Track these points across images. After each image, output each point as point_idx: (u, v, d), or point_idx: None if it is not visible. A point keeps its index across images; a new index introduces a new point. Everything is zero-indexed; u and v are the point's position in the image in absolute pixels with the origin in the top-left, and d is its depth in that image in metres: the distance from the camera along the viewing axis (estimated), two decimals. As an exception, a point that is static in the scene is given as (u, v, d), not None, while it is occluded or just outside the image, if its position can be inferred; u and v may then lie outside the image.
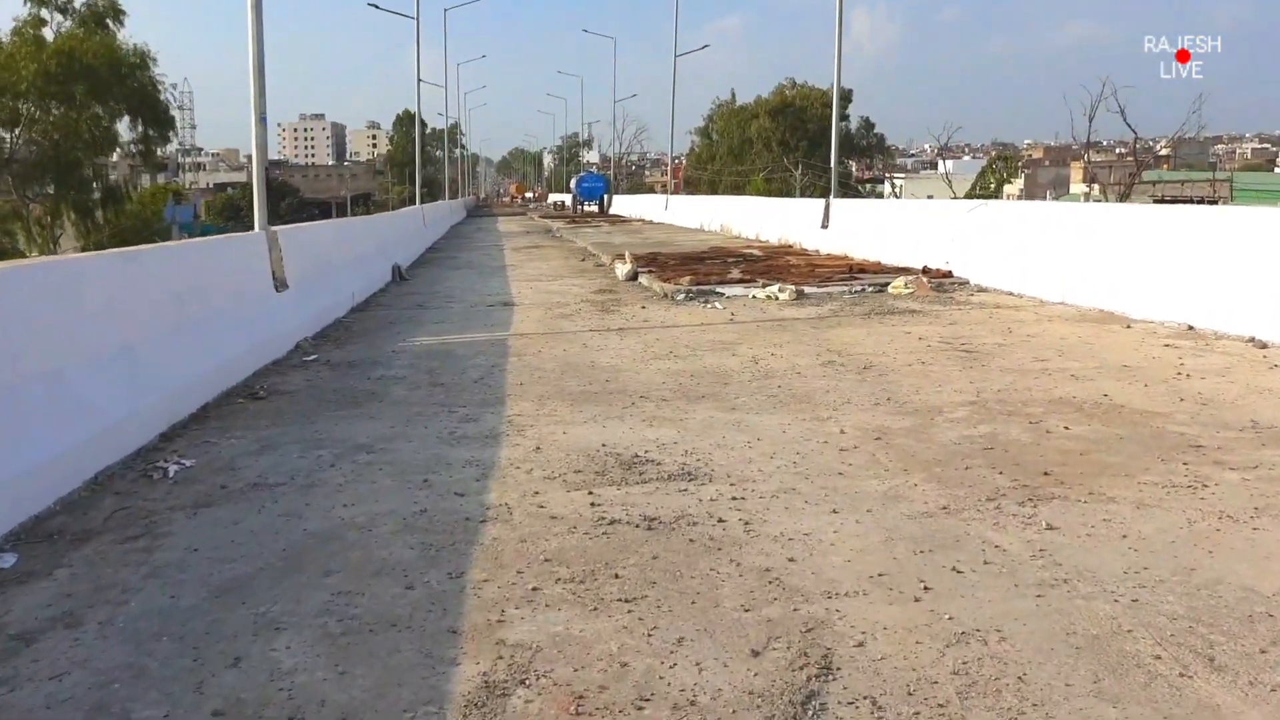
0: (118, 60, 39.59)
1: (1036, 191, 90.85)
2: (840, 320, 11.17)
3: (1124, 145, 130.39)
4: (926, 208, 16.62)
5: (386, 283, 16.57)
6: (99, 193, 41.79)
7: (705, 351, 9.31)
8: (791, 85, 73.08)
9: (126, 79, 39.79)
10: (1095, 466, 5.38)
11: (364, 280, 14.46)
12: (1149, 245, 11.08)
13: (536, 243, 29.86)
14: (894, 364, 8.44)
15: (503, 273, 18.98)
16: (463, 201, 74.91)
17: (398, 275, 17.61)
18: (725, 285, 14.26)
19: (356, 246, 14.90)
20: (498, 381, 7.96)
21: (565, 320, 11.72)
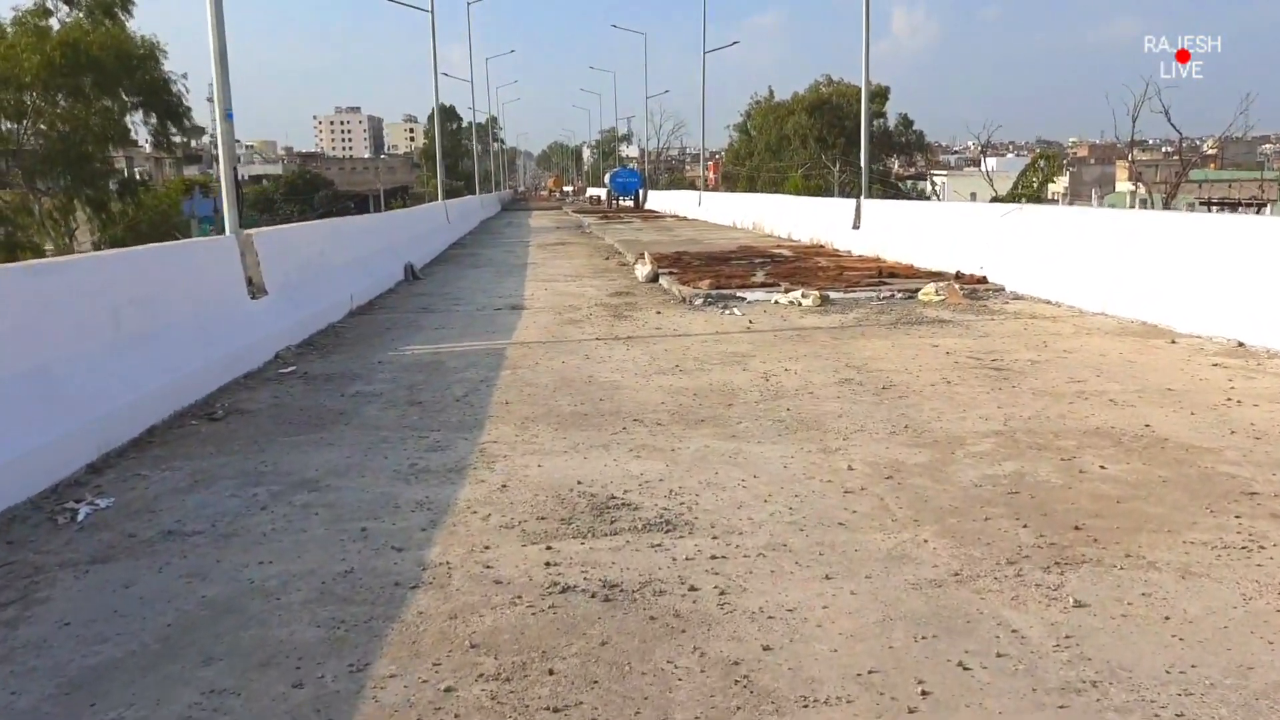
0: (126, 52, 39.13)
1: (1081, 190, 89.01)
2: (864, 330, 10.48)
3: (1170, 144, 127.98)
4: (961, 210, 15.83)
5: (397, 282, 16.06)
6: (115, 186, 41.50)
7: (715, 365, 8.68)
8: (828, 82, 72.01)
9: (136, 71, 39.37)
10: (1134, 519, 4.70)
11: (367, 281, 13.94)
12: (1195, 254, 10.29)
13: (564, 239, 29.31)
14: (916, 383, 7.76)
15: (521, 272, 18.43)
16: (497, 196, 74.57)
17: (410, 275, 17.10)
18: (747, 289, 13.60)
19: (358, 246, 14.37)
20: (482, 400, 7.37)
21: (573, 327, 11.12)
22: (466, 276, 17.76)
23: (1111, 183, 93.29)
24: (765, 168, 72.05)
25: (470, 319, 11.97)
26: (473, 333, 10.87)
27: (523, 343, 10.12)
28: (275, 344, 9.25)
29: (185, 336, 7.34)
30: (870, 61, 20.14)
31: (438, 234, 24.70)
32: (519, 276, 17.48)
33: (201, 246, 9.27)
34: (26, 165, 38.46)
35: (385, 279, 15.33)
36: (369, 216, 19.04)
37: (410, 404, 7.27)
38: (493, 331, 10.91)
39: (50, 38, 37.04)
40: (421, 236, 21.38)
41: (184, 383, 6.96)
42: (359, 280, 13.50)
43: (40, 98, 37.94)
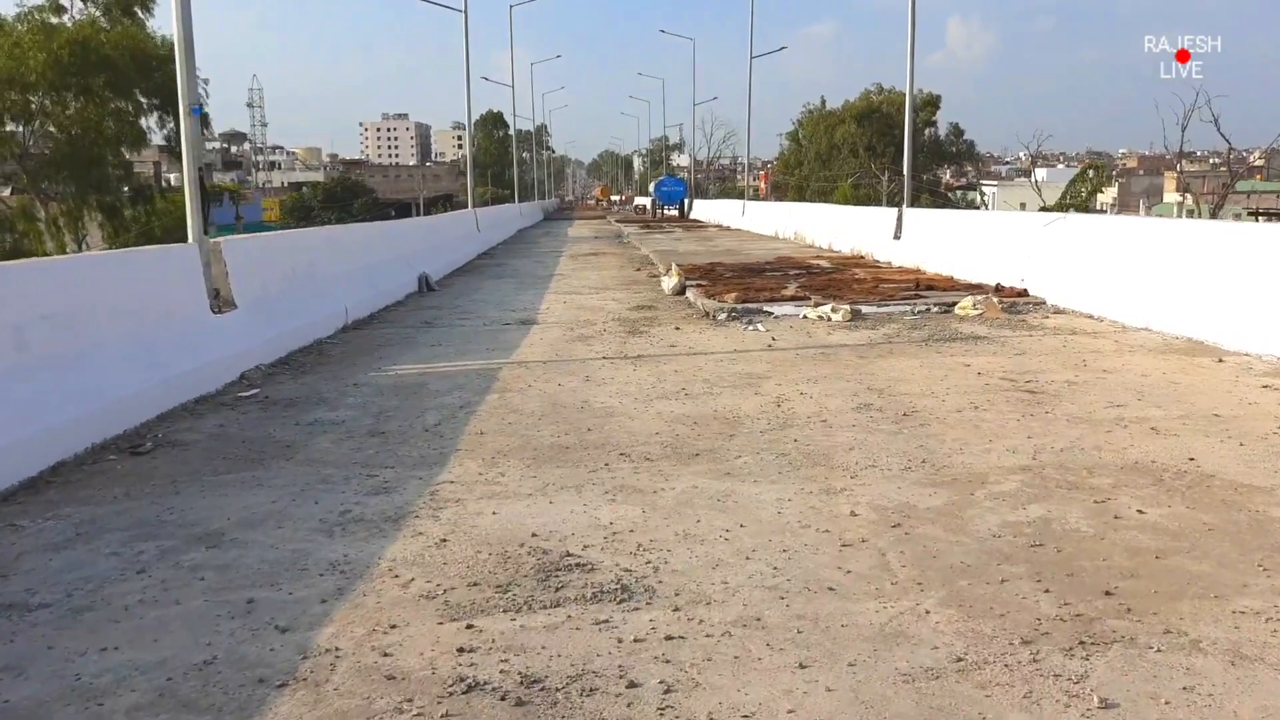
0: (144, 51, 38.06)
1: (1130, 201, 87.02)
2: (892, 348, 9.74)
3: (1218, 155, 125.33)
4: (1002, 220, 14.98)
5: (407, 294, 15.54)
6: (128, 190, 40.93)
7: (724, 388, 8.00)
8: (878, 91, 70.88)
9: (155, 72, 38.33)
10: (1174, 580, 3.97)
11: (369, 293, 13.39)
12: (1243, 265, 9.45)
13: (599, 249, 28.73)
14: (941, 409, 7.03)
15: (545, 284, 17.85)
16: (540, 204, 74.32)
17: (425, 286, 16.57)
18: (775, 303, 12.90)
19: (360, 255, 13.83)
20: (454, 430, 6.75)
21: (582, 344, 10.49)
22: (485, 288, 17.21)
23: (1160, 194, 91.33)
24: (815, 177, 71.12)
25: (473, 335, 11.38)
26: (471, 350, 10.28)
27: (521, 362, 9.51)
28: (242, 363, 8.70)
29: (118, 357, 6.75)
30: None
31: (465, 242, 24.21)
32: (540, 289, 16.90)
33: (150, 256, 8.68)
34: (31, 168, 37.78)
35: (393, 290, 14.81)
36: (377, 224, 18.53)
37: (371, 434, 6.66)
38: (493, 349, 10.31)
39: (59, 35, 35.99)
40: (443, 245, 20.88)
41: (112, 410, 6.36)
42: (359, 292, 12.97)
43: (47, 98, 37.14)
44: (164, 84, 38.76)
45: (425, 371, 9.11)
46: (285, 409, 7.56)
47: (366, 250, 14.57)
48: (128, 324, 7.11)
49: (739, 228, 39.36)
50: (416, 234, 19.05)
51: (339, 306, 12.02)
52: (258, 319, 9.54)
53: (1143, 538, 4.46)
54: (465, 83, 30.38)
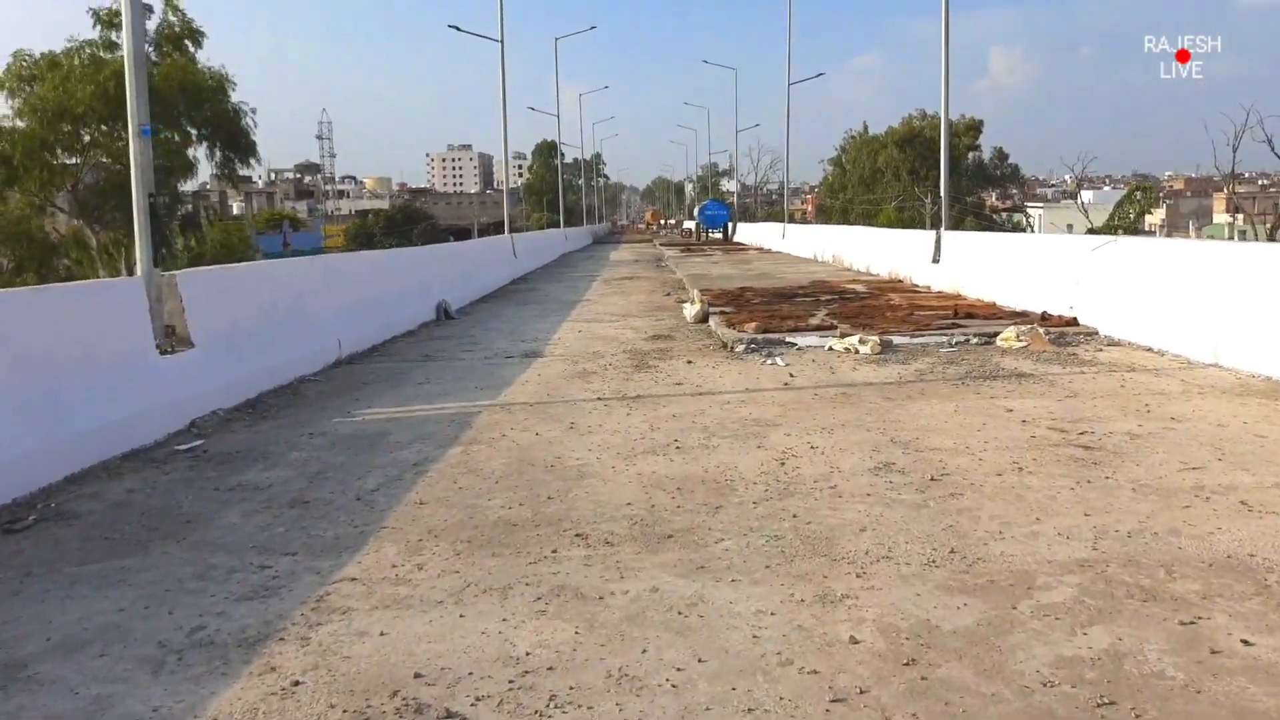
0: (193, 83, 37.45)
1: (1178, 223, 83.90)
2: (924, 388, 8.32)
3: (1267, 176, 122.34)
4: (1048, 243, 13.43)
5: (421, 324, 14.35)
6: (178, 219, 40.32)
7: (724, 439, 6.66)
8: (921, 116, 69.06)
9: (203, 103, 37.97)
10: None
11: (373, 325, 12.23)
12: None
13: (635, 273, 27.45)
14: (976, 471, 5.63)
15: (567, 310, 16.59)
16: (589, 229, 73.25)
17: (443, 314, 15.41)
18: (801, 333, 11.51)
19: (364, 286, 12.63)
20: (391, 499, 5.47)
21: (580, 381, 9.19)
22: (504, 315, 15.99)
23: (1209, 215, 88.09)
24: (858, 200, 69.44)
25: (468, 371, 10.13)
26: (458, 389, 9.03)
27: (506, 404, 8.23)
28: (195, 408, 7.53)
29: (15, 409, 5.59)
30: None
31: (498, 268, 23.06)
32: (561, 315, 15.65)
33: (73, 292, 7.54)
34: (83, 198, 37.33)
35: (404, 320, 13.64)
36: (391, 252, 17.36)
37: (293, 504, 5.41)
38: (483, 388, 9.05)
39: (106, 68, 35.44)
40: (472, 271, 19.73)
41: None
42: (360, 324, 11.80)
43: (97, 130, 36.76)
44: (213, 115, 38.32)
45: (395, 417, 7.87)
46: (217, 466, 6.35)
47: (374, 279, 13.40)
48: (25, 372, 5.90)
49: (779, 250, 37.93)
50: (439, 261, 17.87)
51: (330, 340, 10.85)
52: (221, 358, 8.39)
53: (1255, 693, 3.07)
54: (502, 111, 29.35)
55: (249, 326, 9.19)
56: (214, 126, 38.81)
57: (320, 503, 5.43)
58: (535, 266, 30.13)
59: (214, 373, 8.16)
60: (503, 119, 29.38)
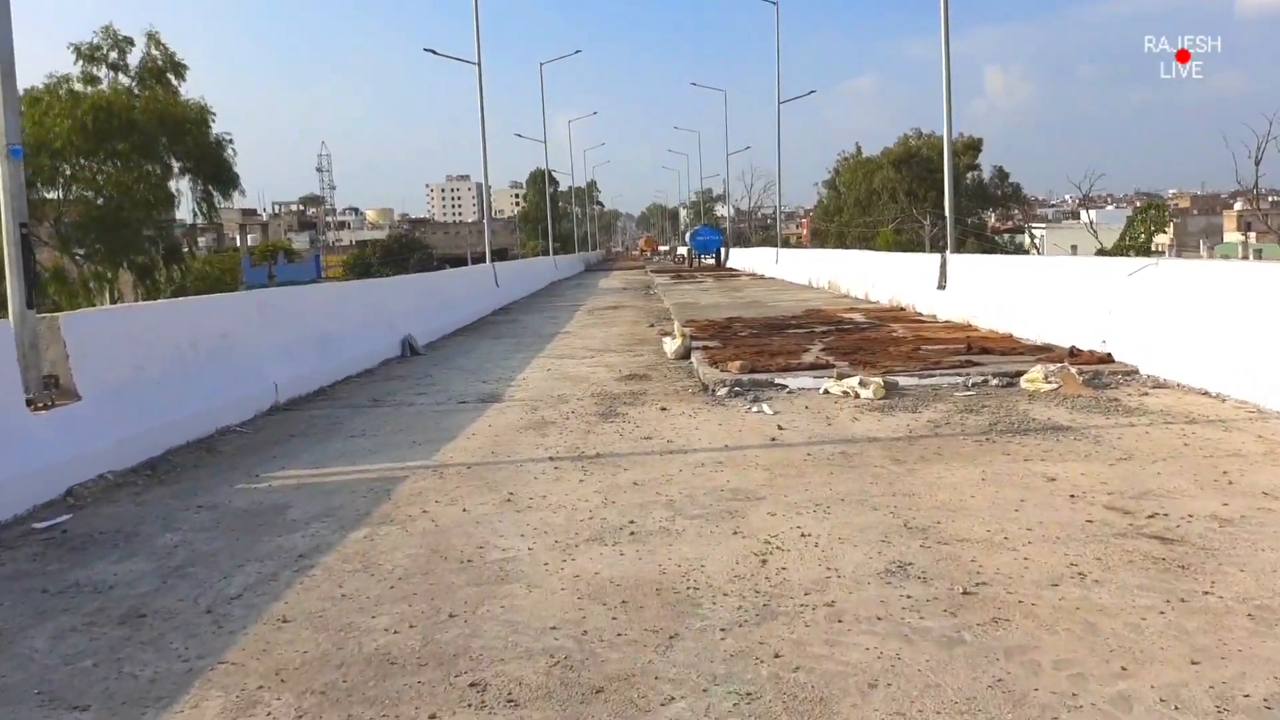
0: (173, 116, 36.52)
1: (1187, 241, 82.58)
2: (941, 445, 6.87)
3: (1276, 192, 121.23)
4: (1073, 267, 12.00)
5: (384, 360, 12.96)
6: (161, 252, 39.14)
7: (692, 522, 5.21)
8: (917, 135, 67.97)
9: (185, 135, 36.92)
10: None
11: (321, 364, 10.80)
12: None
13: (620, 302, 26.02)
14: (1024, 580, 4.17)
15: (544, 344, 15.16)
16: (581, 256, 72.00)
17: (408, 349, 13.99)
18: (792, 373, 10.06)
19: (313, 322, 11.18)
20: (249, 613, 4.07)
21: (534, 434, 7.75)
22: (474, 351, 14.54)
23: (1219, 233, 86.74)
24: (855, 223, 68.25)
25: (413, 420, 8.68)
26: (393, 444, 7.57)
27: (441, 465, 6.78)
28: (79, 471, 6.20)
29: None
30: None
31: (477, 299, 21.65)
32: (534, 350, 14.21)
33: None
34: (64, 232, 36.17)
35: (361, 358, 12.20)
36: (350, 284, 15.88)
37: (126, 619, 4.03)
38: (421, 442, 7.60)
39: (84, 102, 34.69)
40: (447, 303, 18.31)
41: None
42: (303, 364, 10.39)
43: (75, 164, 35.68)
44: (195, 148, 37.17)
45: (307, 482, 6.45)
46: (68, 554, 4.99)
47: (324, 315, 11.98)
48: None
49: (772, 276, 36.54)
50: (407, 292, 16.44)
51: (264, 385, 9.44)
52: (117, 411, 7.02)
53: None
54: (481, 135, 27.95)
55: (157, 373, 7.82)
56: (196, 159, 37.74)
57: (160, 617, 4.03)
58: (520, 296, 28.73)
59: (106, 429, 6.78)
60: (482, 143, 28.03)
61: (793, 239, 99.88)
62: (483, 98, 27.71)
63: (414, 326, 14.86)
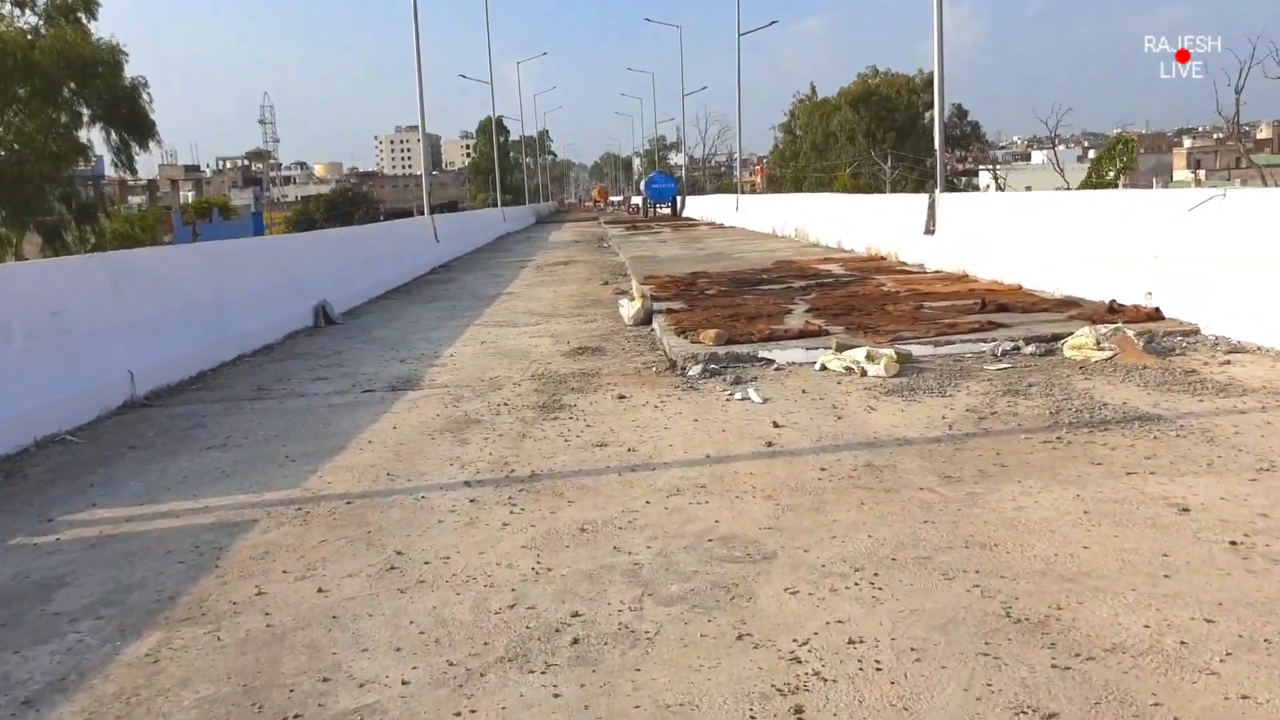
0: (81, 57, 32.74)
1: (1140, 180, 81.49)
2: (999, 449, 5.01)
3: (1220, 130, 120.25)
4: (1106, 204, 10.11)
5: (289, 333, 10.86)
6: (72, 210, 36.08)
7: (671, 611, 3.32)
8: (874, 74, 65.87)
9: (94, 79, 33.22)
10: None
11: (194, 344, 8.67)
12: None
13: (572, 256, 23.92)
14: (1197, 701, 2.32)
15: (483, 307, 13.13)
16: (533, 208, 69.30)
17: (322, 318, 11.91)
18: (778, 342, 8.16)
19: (178, 294, 8.93)
20: None
21: (451, 440, 5.78)
22: (401, 318, 12.47)
23: (1169, 171, 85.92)
24: (811, 168, 66.21)
25: (296, 420, 6.66)
26: (258, 462, 5.56)
27: (313, 498, 4.80)
28: None
29: None
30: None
31: (412, 255, 19.45)
32: (470, 316, 12.18)
33: None
34: None
35: (258, 331, 10.10)
36: (241, 243, 13.60)
37: None
38: (295, 458, 5.59)
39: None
40: (375, 262, 16.14)
41: None
42: (174, 345, 8.33)
43: None
44: (106, 93, 33.81)
45: (113, 532, 4.45)
46: None
47: (211, 280, 9.84)
48: None
49: (733, 225, 34.54)
50: (323, 251, 14.24)
51: (115, 374, 7.37)
52: None
53: None
54: (416, 71, 25.34)
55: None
56: (108, 105, 34.25)
57: None
58: (464, 251, 26.48)
59: None
60: (418, 77, 25.32)
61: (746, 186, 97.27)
62: (418, 26, 25.15)
63: (332, 290, 12.77)
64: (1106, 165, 38.72)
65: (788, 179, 70.45)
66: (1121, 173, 37.67)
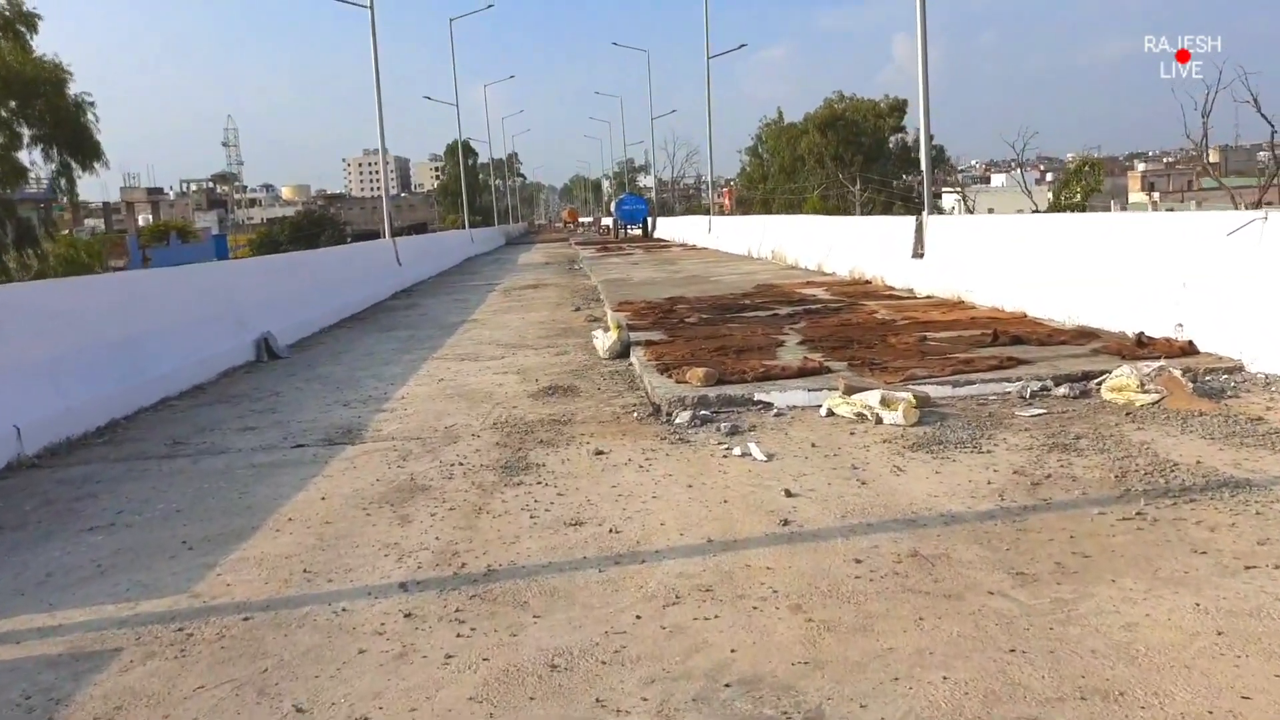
0: (21, 75, 31.11)
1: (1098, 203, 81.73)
2: (1074, 533, 3.96)
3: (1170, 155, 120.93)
4: (1125, 227, 9.08)
5: (223, 371, 9.63)
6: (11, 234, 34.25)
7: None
8: (840, 98, 65.41)
9: (35, 98, 31.83)
10: None
11: (99, 388, 7.34)
12: None
13: (542, 279, 22.80)
14: None
15: (444, 337, 11.98)
16: (502, 229, 68.10)
17: (264, 352, 10.72)
18: (775, 381, 7.10)
19: (81, 330, 7.67)
20: None
21: (390, 517, 4.64)
22: (352, 351, 11.28)
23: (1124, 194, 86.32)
24: (780, 190, 65.54)
25: (206, 490, 5.48)
26: (146, 551, 4.37)
27: (200, 611, 3.65)
28: None
29: None
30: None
31: (373, 280, 18.24)
32: (428, 348, 11.03)
33: None
34: None
35: (185, 369, 8.88)
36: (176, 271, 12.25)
37: None
38: (194, 544, 4.43)
39: None
40: (328, 287, 14.92)
41: None
42: (77, 388, 7.09)
43: None
44: (49, 112, 32.18)
45: None
46: None
47: (127, 312, 8.64)
48: None
49: (706, 246, 33.58)
50: (271, 276, 13.06)
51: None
52: None
53: None
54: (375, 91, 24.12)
55: None
56: (50, 125, 32.61)
57: None
58: (429, 274, 25.29)
59: None
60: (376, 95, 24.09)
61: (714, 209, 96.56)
62: (376, 44, 23.98)
63: (279, 320, 11.60)
64: (1074, 187, 38.12)
65: (756, 201, 69.78)
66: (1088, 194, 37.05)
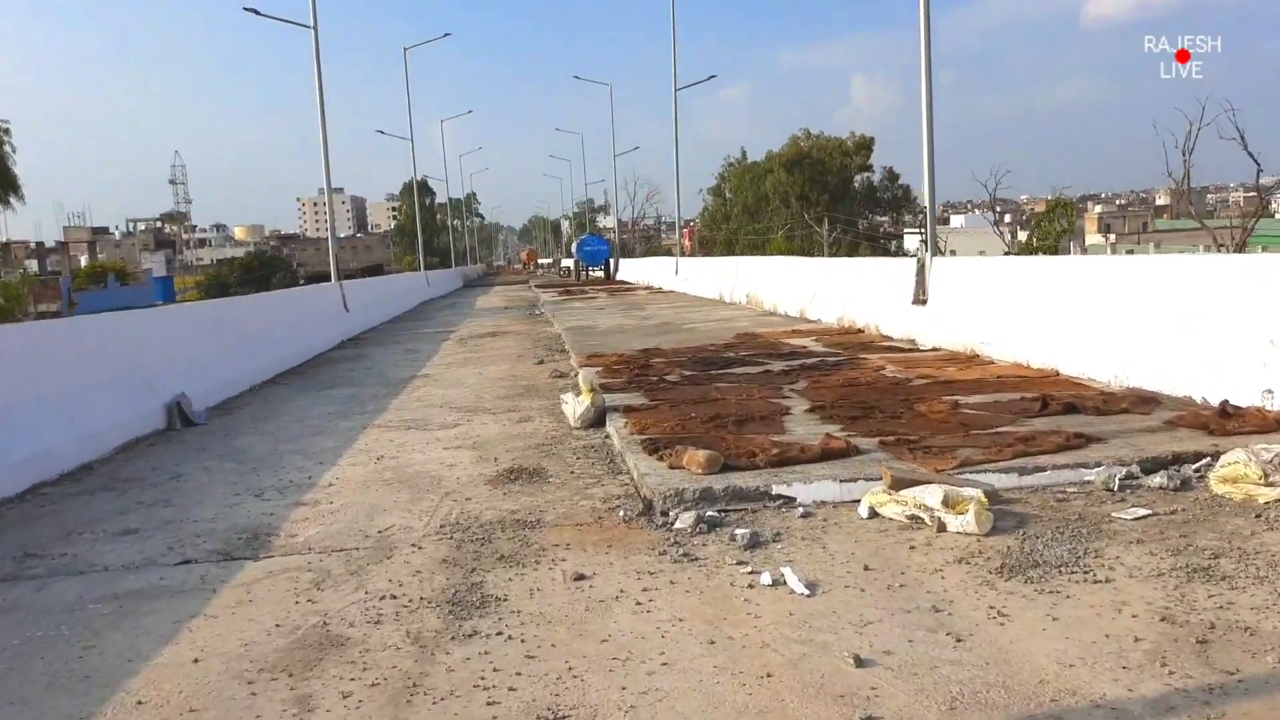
0: None
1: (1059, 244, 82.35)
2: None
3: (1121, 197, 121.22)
4: (1184, 271, 7.68)
5: (121, 444, 8.08)
6: None
7: None
8: (806, 136, 64.92)
9: None
10: None
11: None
12: None
13: (500, 326, 21.35)
14: None
15: (388, 400, 10.49)
16: (459, 271, 66.61)
17: (177, 419, 9.19)
18: (791, 467, 5.73)
19: None
20: None
21: (281, 695, 3.19)
22: (279, 416, 9.76)
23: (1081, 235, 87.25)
24: (744, 230, 64.68)
25: (41, 641, 3.98)
26: None
27: None
28: None
29: None
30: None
31: (314, 329, 16.68)
32: (369, 412, 9.55)
33: None
34: None
35: (70, 444, 7.32)
36: (53, 324, 10.69)
37: None
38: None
39: None
40: (258, 340, 13.36)
41: None
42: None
43: None
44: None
45: None
46: None
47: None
48: None
49: (673, 289, 32.33)
50: (186, 330, 11.42)
51: None
52: None
53: None
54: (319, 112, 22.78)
55: None
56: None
57: None
58: (380, 320, 23.75)
59: None
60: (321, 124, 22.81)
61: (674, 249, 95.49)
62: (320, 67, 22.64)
63: (197, 379, 10.08)
64: (1049, 226, 37.47)
65: (719, 241, 68.89)
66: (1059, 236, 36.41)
